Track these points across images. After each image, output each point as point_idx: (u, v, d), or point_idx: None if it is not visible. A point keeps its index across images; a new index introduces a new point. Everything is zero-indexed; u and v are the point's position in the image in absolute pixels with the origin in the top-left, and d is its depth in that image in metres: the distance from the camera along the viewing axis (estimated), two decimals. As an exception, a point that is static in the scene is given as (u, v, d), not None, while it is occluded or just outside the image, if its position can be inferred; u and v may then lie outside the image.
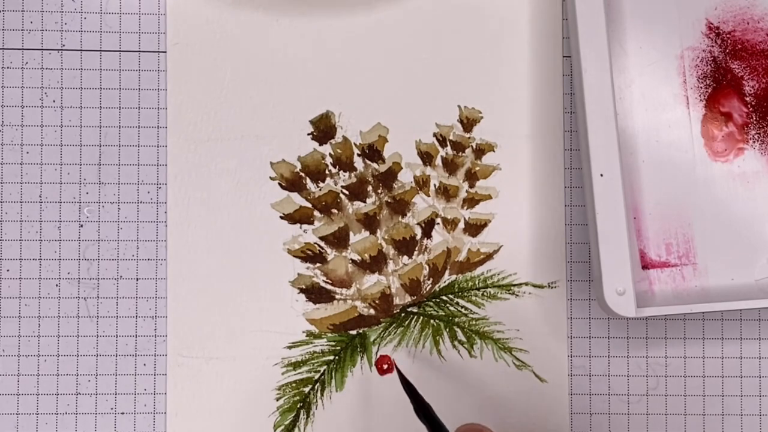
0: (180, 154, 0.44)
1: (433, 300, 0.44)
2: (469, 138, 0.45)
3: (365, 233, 0.44)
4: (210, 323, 0.44)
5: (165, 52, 0.45)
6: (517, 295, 0.44)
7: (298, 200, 0.44)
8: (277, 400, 0.44)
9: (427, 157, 0.45)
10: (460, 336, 0.44)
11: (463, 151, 0.45)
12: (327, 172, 0.45)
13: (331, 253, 0.44)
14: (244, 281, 0.44)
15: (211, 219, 0.44)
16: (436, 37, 0.45)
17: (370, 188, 0.45)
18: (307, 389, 0.44)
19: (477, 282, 0.44)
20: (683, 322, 0.45)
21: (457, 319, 0.44)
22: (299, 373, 0.44)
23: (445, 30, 0.45)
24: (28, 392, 0.44)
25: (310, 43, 0.45)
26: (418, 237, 0.44)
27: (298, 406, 0.44)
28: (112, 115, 0.44)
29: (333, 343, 0.44)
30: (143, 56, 0.45)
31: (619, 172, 0.41)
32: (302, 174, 0.45)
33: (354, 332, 0.44)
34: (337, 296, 0.44)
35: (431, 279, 0.44)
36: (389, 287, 0.44)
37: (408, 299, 0.44)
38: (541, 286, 0.45)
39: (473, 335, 0.44)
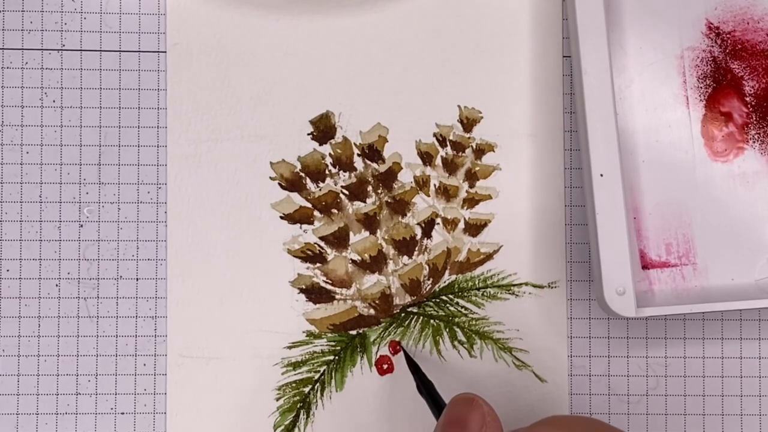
0: (180, 154, 0.44)
1: (433, 300, 0.44)
2: (469, 138, 0.45)
3: (365, 233, 0.44)
4: (210, 323, 0.44)
5: (165, 52, 0.45)
6: (517, 295, 0.44)
7: (298, 200, 0.44)
8: (277, 400, 0.44)
9: (427, 157, 0.45)
10: (460, 336, 0.44)
11: (463, 151, 0.45)
12: (327, 172, 0.45)
13: (331, 253, 0.44)
14: (244, 281, 0.44)
15: (211, 219, 0.44)
16: (436, 37, 0.45)
17: (370, 188, 0.45)
18: (307, 389, 0.44)
19: (477, 282, 0.44)
20: (683, 322, 0.45)
21: (457, 319, 0.44)
22: (299, 373, 0.44)
23: (445, 30, 0.45)
24: (28, 392, 0.44)
25: (310, 43, 0.45)
26: (418, 237, 0.44)
27: (298, 406, 0.44)
28: (112, 115, 0.44)
29: (333, 343, 0.44)
30: (143, 56, 0.45)
31: (619, 172, 0.41)
32: (302, 174, 0.45)
33: (354, 332, 0.44)
34: (337, 296, 0.44)
35: (431, 279, 0.44)
36: (389, 287, 0.44)
37: (408, 299, 0.44)
38: (541, 286, 0.45)
39: (473, 335, 0.44)
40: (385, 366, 0.44)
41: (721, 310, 0.41)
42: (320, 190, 0.44)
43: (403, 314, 0.44)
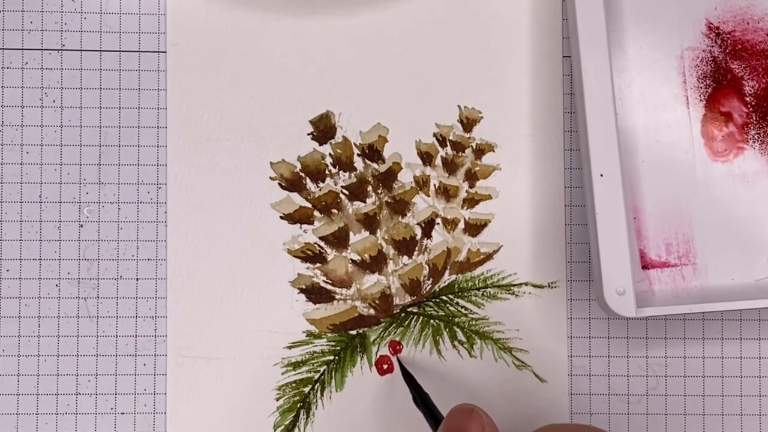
0: (180, 154, 0.44)
1: (433, 300, 0.44)
2: (469, 138, 0.45)
3: (365, 233, 0.44)
4: (210, 323, 0.44)
5: (165, 52, 0.45)
6: (517, 295, 0.44)
7: (298, 200, 0.44)
8: (277, 400, 0.44)
9: (427, 157, 0.45)
10: (460, 336, 0.44)
11: (463, 151, 0.45)
12: (327, 172, 0.45)
13: (331, 253, 0.44)
14: (244, 281, 0.44)
15: (211, 219, 0.44)
16: (436, 37, 0.45)
17: (370, 188, 0.45)
18: (307, 389, 0.44)
19: (477, 282, 0.44)
20: (683, 322, 0.45)
21: (457, 319, 0.44)
22: (299, 373, 0.44)
23: (445, 30, 0.45)
24: (28, 392, 0.44)
25: (310, 43, 0.45)
26: (418, 237, 0.44)
27: (298, 406, 0.44)
28: (112, 115, 0.44)
29: (333, 343, 0.44)
30: (143, 56, 0.45)
31: (619, 172, 0.41)
32: (302, 174, 0.45)
33: (354, 332, 0.44)
34: (337, 296, 0.44)
35: (431, 279, 0.44)
36: (389, 287, 0.44)
37: (408, 299, 0.44)
38: (541, 286, 0.45)
39: (473, 335, 0.44)
40: (385, 366, 0.44)
41: (721, 310, 0.41)
42: (320, 190, 0.44)
43: (403, 314, 0.44)
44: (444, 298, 0.44)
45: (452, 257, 0.45)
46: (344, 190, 0.45)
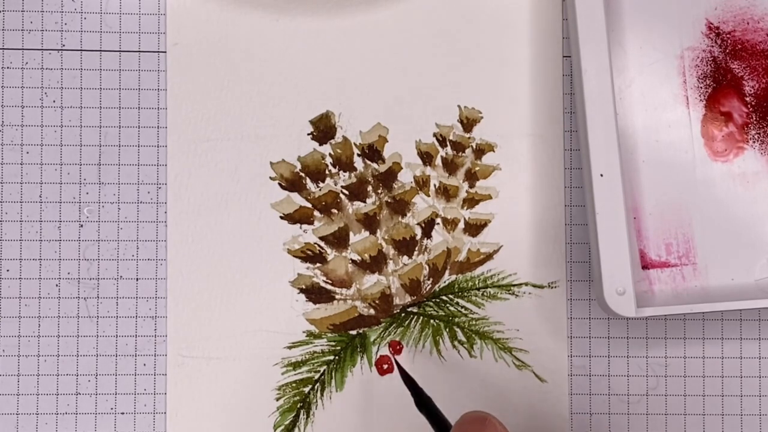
0: (180, 154, 0.44)
1: (433, 300, 0.44)
2: (469, 138, 0.45)
3: (365, 233, 0.44)
4: (210, 323, 0.44)
5: (165, 52, 0.45)
6: (517, 295, 0.44)
7: (298, 200, 0.44)
8: (277, 400, 0.44)
9: (427, 157, 0.45)
10: (460, 336, 0.44)
11: (463, 151, 0.45)
12: (327, 172, 0.45)
13: (331, 253, 0.44)
14: (244, 281, 0.44)
15: (211, 219, 0.44)
16: (436, 37, 0.45)
17: (370, 188, 0.45)
18: (307, 389, 0.44)
19: (477, 282, 0.44)
20: (683, 322, 0.45)
21: (457, 319, 0.44)
22: (299, 373, 0.44)
23: (445, 30, 0.45)
24: (28, 392, 0.44)
25: (310, 43, 0.45)
26: (418, 237, 0.44)
27: (298, 406, 0.44)
28: (112, 115, 0.44)
29: (333, 343, 0.44)
30: (143, 56, 0.45)
31: (619, 172, 0.41)
32: (302, 174, 0.45)
33: (354, 332, 0.44)
34: (337, 296, 0.44)
35: (431, 279, 0.44)
36: (389, 287, 0.44)
37: (408, 299, 0.44)
38: (541, 286, 0.45)
39: (473, 335, 0.44)
40: (385, 366, 0.44)
41: (721, 310, 0.41)
42: (320, 190, 0.44)
43: (403, 314, 0.44)
44: (444, 298, 0.44)
45: (452, 257, 0.45)
46: (344, 190, 0.45)
